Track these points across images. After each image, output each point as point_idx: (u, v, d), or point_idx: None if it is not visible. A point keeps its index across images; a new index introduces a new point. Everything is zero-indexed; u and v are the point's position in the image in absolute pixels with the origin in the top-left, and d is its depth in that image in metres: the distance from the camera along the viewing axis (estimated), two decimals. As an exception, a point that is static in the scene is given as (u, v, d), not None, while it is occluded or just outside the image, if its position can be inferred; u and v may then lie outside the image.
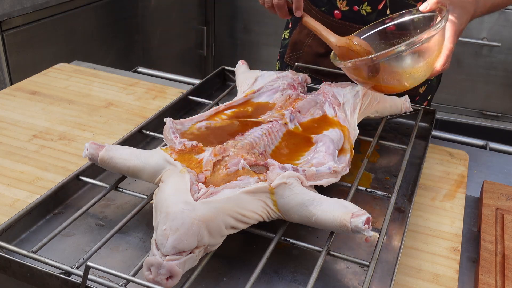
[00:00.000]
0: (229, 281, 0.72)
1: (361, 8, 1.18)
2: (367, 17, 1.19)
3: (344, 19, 1.21)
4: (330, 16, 1.22)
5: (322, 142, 0.87)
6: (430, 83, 1.30)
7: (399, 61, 0.83)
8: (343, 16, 1.21)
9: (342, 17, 1.21)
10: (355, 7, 1.18)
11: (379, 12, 1.18)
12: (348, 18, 1.21)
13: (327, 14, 1.22)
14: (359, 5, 1.18)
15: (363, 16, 1.19)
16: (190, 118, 0.93)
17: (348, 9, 1.20)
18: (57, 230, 0.73)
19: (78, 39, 2.09)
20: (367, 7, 1.18)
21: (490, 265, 0.76)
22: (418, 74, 0.86)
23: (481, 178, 1.00)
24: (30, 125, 1.09)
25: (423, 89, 1.28)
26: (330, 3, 1.21)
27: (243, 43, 2.99)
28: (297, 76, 1.09)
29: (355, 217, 0.69)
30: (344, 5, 1.19)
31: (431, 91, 1.32)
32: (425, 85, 1.27)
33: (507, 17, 2.40)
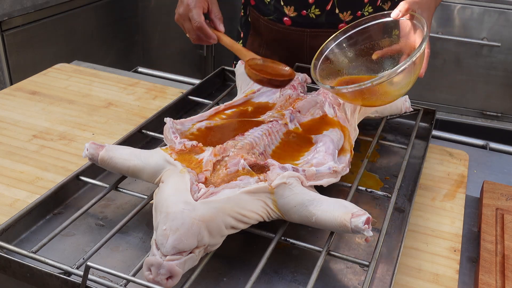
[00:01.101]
0: (229, 281, 0.72)
1: (309, 12, 1.17)
2: (316, 20, 1.18)
3: (294, 25, 1.20)
4: (280, 24, 1.21)
5: (322, 142, 0.87)
6: None
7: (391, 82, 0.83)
8: (293, 22, 1.19)
9: (292, 23, 1.20)
10: (303, 12, 1.17)
11: (328, 12, 1.17)
12: (298, 24, 1.19)
13: (277, 21, 1.21)
14: (307, 9, 1.17)
15: (313, 20, 1.18)
16: (190, 118, 0.93)
17: (296, 14, 1.18)
18: (57, 230, 0.73)
19: (78, 39, 2.09)
20: (315, 10, 1.17)
21: (490, 265, 0.76)
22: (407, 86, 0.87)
23: (481, 178, 1.00)
24: (30, 125, 1.09)
25: None
26: (277, 11, 1.20)
27: (243, 43, 2.99)
28: (297, 76, 1.09)
29: (355, 217, 0.69)
30: (292, 11, 1.18)
31: None
32: None
33: (507, 17, 2.40)
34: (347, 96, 0.86)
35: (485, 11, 2.41)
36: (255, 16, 1.25)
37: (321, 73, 0.93)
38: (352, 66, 0.98)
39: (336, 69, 0.98)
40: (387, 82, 0.81)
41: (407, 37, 0.93)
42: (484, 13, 2.41)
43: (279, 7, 1.19)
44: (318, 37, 1.20)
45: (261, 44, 1.28)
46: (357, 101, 0.89)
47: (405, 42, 0.93)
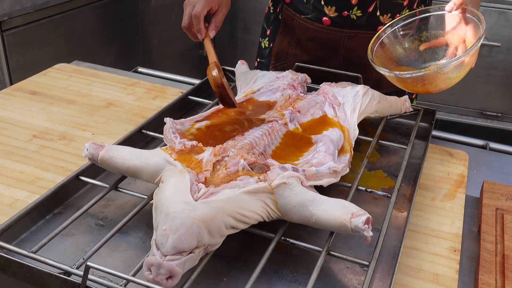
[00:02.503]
0: (229, 281, 0.72)
1: (351, 13, 1.16)
2: (357, 21, 1.17)
3: (333, 25, 1.18)
4: (318, 23, 1.20)
5: (322, 142, 0.87)
6: None
7: (448, 71, 0.86)
8: (332, 22, 1.18)
9: (331, 23, 1.18)
10: (344, 13, 1.16)
11: (370, 14, 1.16)
12: (337, 24, 1.18)
13: (315, 21, 1.20)
14: (348, 10, 1.16)
15: (353, 21, 1.17)
16: (190, 118, 0.93)
17: (337, 14, 1.17)
18: (57, 230, 0.73)
19: (78, 39, 2.09)
20: (357, 11, 1.16)
21: (490, 265, 0.76)
22: (464, 73, 0.91)
23: (481, 178, 1.00)
24: (30, 125, 1.09)
25: None
26: (317, 10, 1.19)
27: (243, 43, 2.99)
28: (297, 76, 1.09)
29: (355, 217, 0.69)
30: (332, 11, 1.17)
31: None
32: None
33: (507, 17, 2.40)
34: (408, 81, 0.89)
35: (485, 11, 2.41)
36: (288, 14, 1.24)
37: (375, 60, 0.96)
38: (403, 55, 1.00)
39: (388, 57, 1.00)
40: (449, 69, 0.85)
41: (455, 29, 0.96)
42: (484, 13, 2.41)
43: (319, 7, 1.18)
44: (356, 38, 1.18)
45: (291, 43, 1.26)
46: (415, 87, 0.92)
47: (454, 34, 0.96)
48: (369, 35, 1.16)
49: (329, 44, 1.21)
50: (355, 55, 1.20)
